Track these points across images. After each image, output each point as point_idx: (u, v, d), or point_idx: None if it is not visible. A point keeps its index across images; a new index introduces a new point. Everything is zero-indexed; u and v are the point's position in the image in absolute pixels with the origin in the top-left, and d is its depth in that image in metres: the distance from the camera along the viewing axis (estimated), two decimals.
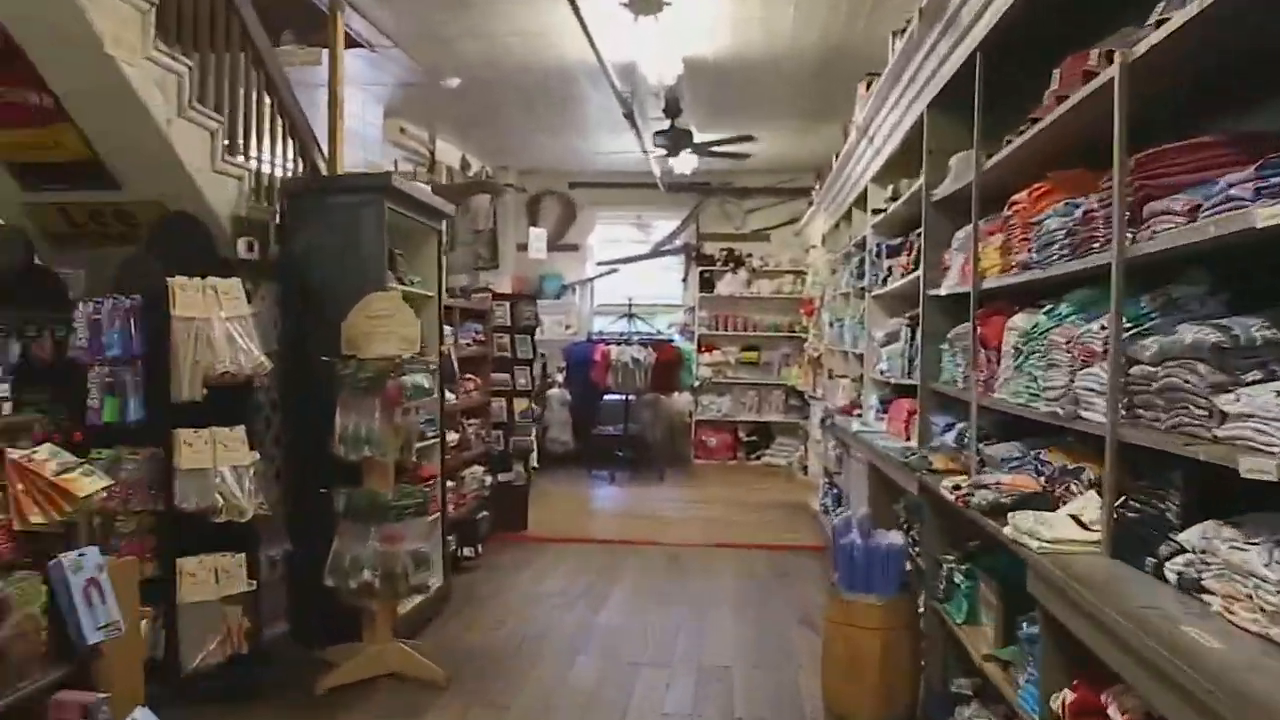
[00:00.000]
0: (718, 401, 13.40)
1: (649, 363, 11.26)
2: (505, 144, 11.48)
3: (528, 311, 8.54)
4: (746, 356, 13.46)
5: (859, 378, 7.98)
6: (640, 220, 13.82)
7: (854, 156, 7.63)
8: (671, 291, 13.81)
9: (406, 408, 4.78)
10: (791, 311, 13.32)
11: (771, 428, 13.47)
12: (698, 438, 13.29)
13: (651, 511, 9.89)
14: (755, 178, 13.34)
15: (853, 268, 8.18)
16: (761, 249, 13.50)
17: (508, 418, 8.39)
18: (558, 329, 13.48)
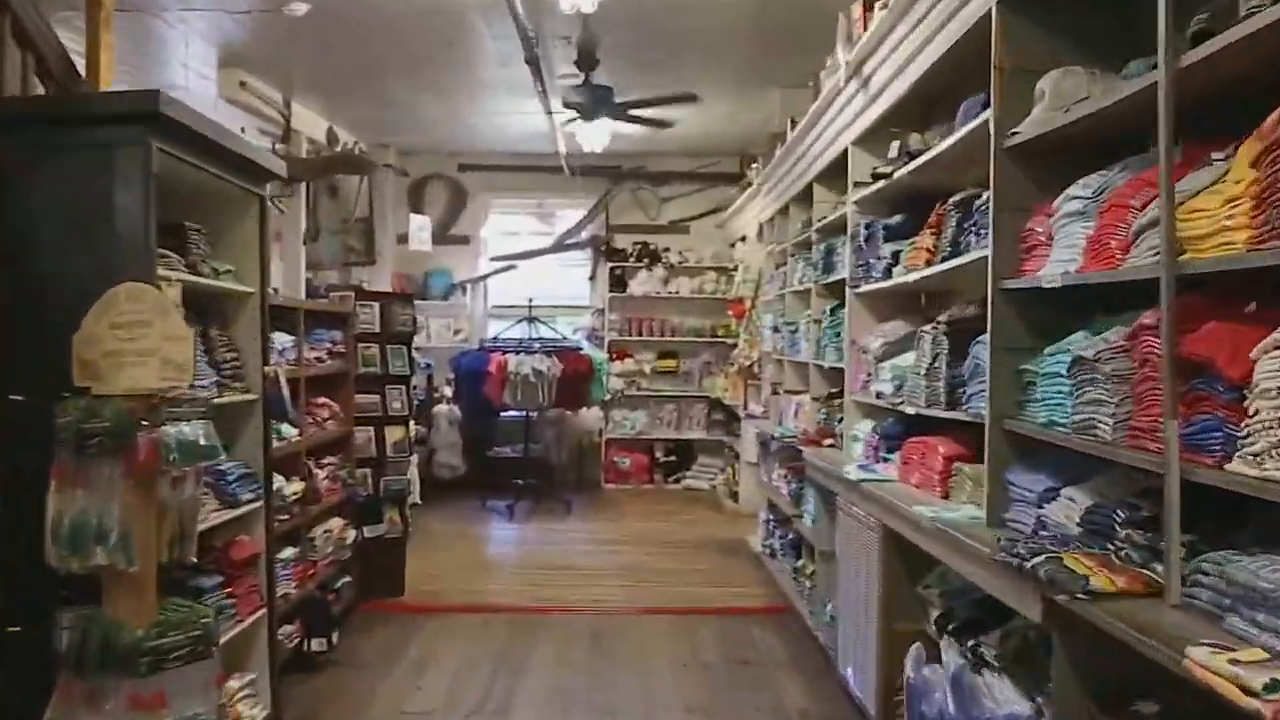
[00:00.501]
0: (631, 417, 11.57)
1: (554, 375, 9.38)
2: (382, 114, 9.47)
3: (403, 315, 6.58)
4: (663, 365, 11.66)
5: (829, 398, 6.22)
6: (542, 209, 11.92)
7: (823, 119, 5.86)
8: (577, 291, 11.95)
9: (175, 476, 2.83)
10: (715, 313, 11.57)
11: (693, 446, 11.69)
12: (608, 459, 11.44)
13: (561, 557, 8.00)
14: (673, 161, 11.56)
15: (815, 259, 6.43)
16: (680, 242, 11.72)
17: (378, 451, 6.43)
18: (445, 335, 11.50)
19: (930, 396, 4.01)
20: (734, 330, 10.90)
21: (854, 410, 5.37)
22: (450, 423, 10.66)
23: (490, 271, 11.66)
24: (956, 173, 4.39)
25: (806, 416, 6.71)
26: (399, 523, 6.48)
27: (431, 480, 10.22)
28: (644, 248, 11.57)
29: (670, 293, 11.52)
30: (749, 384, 9.83)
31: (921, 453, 4.13)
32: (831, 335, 6.00)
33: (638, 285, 11.50)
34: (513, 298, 11.60)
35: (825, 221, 6.16)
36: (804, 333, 6.92)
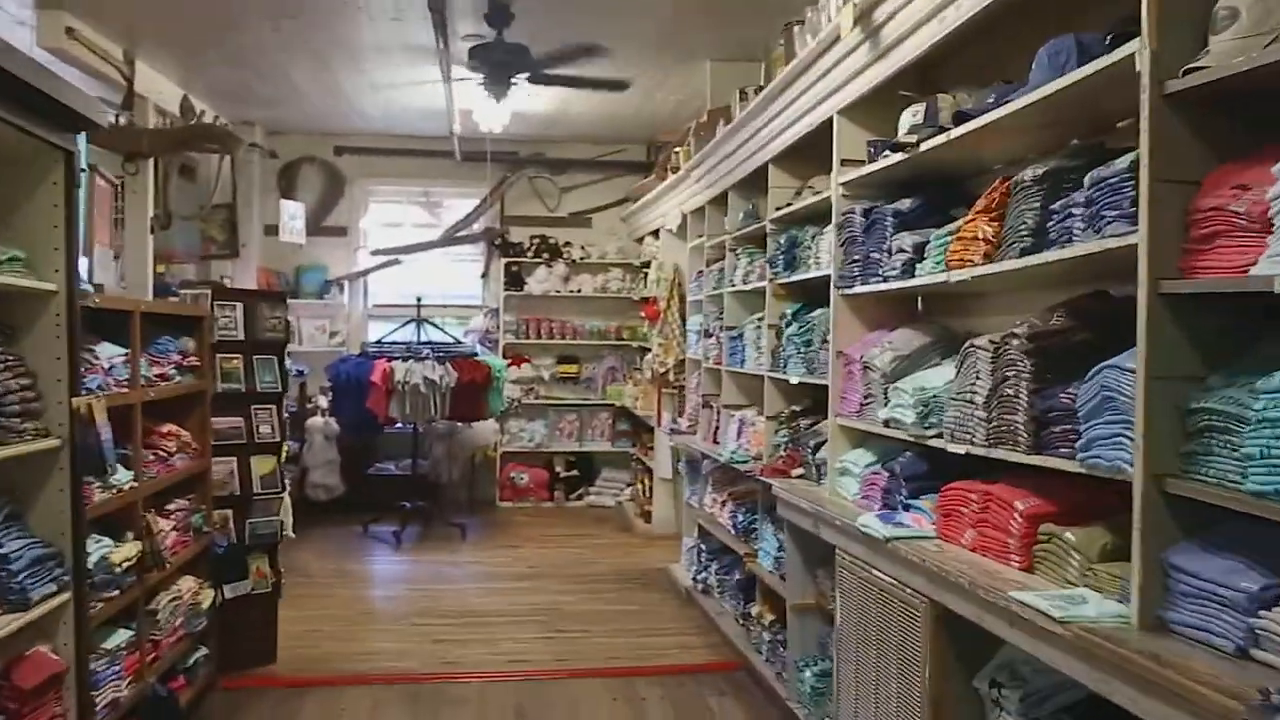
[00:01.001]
0: (529, 428, 10.38)
1: (448, 384, 8.15)
2: (246, 83, 8.09)
3: (272, 317, 5.28)
4: (564, 370, 10.51)
5: (793, 418, 5.18)
6: (429, 198, 10.63)
7: (796, 85, 4.80)
8: (469, 290, 10.70)
9: None
10: (621, 314, 10.48)
11: (595, 460, 10.57)
12: (504, 475, 10.23)
13: (461, 600, 6.80)
14: (575, 148, 10.41)
15: (772, 254, 5.39)
16: (582, 236, 10.59)
17: (242, 488, 5.14)
18: (320, 338, 10.14)
19: (995, 434, 2.98)
20: (644, 333, 9.85)
21: (841, 438, 4.33)
22: (327, 438, 9.33)
23: (371, 267, 10.33)
24: (997, 144, 3.41)
25: (758, 438, 5.67)
26: (269, 575, 5.20)
27: (305, 504, 8.88)
28: (543, 242, 10.40)
29: (572, 291, 10.37)
30: (664, 393, 8.81)
31: (980, 505, 3.10)
32: (800, 344, 4.96)
33: (536, 283, 10.32)
34: (397, 296, 10.32)
35: (789, 210, 5.12)
36: (752, 339, 5.88)
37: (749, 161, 5.84)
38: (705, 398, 7.00)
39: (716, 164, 6.54)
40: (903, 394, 3.64)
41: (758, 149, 5.63)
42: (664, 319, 8.65)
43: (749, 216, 6.04)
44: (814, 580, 4.68)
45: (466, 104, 7.99)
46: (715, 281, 6.77)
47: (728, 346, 6.32)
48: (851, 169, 4.26)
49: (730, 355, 6.29)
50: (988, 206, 3.15)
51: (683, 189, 7.72)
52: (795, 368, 5.02)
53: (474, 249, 10.65)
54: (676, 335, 8.50)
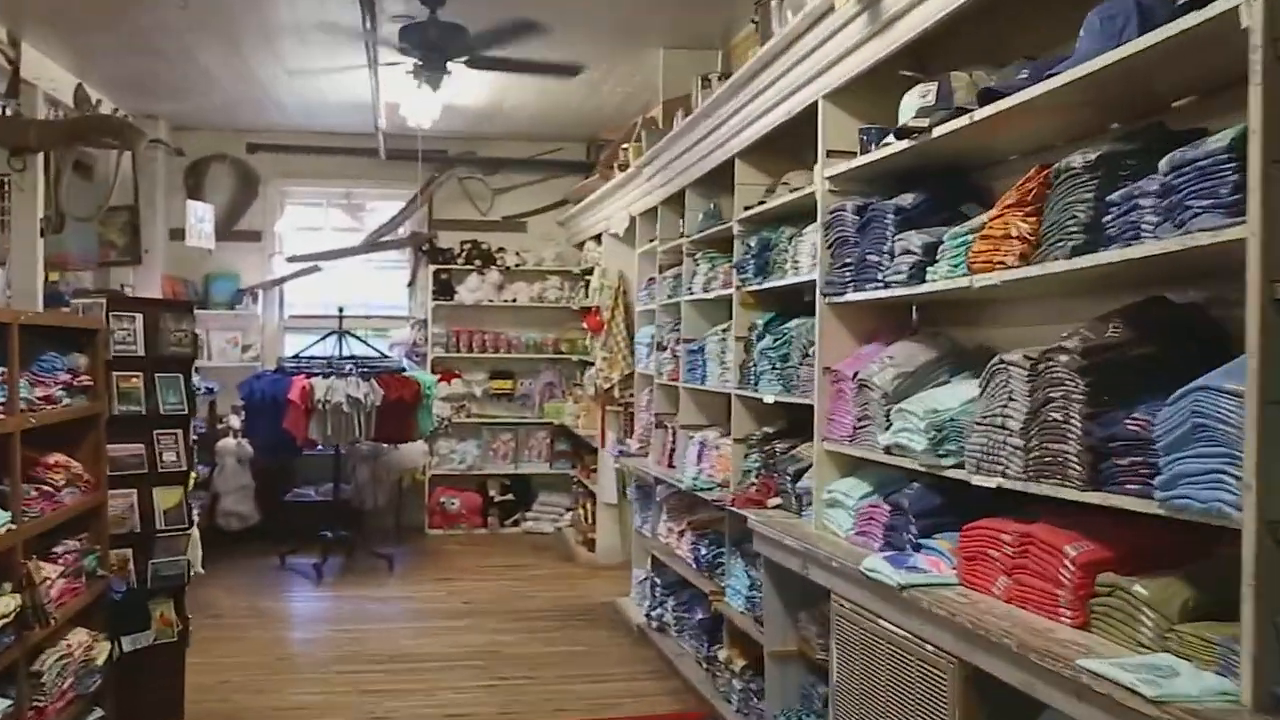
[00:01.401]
0: (460, 449, 9.89)
1: (373, 403, 7.64)
2: (149, 71, 7.53)
3: (178, 330, 4.74)
4: (498, 386, 10.04)
5: (765, 441, 4.81)
6: (351, 200, 10.11)
7: (773, 69, 4.43)
8: (395, 299, 10.19)
9: None
10: (559, 325, 10.06)
11: (532, 482, 10.11)
12: (433, 500, 9.71)
13: (391, 642, 6.30)
14: (508, 146, 9.97)
15: (741, 258, 5.02)
16: (517, 241, 10.14)
17: (143, 524, 4.61)
18: (232, 352, 9.55)
19: (1037, 465, 2.62)
20: (585, 346, 9.43)
21: (829, 465, 3.96)
22: (239, 461, 8.78)
23: (287, 275, 9.77)
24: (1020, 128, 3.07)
25: (723, 463, 5.28)
26: (174, 622, 4.67)
27: (215, 534, 8.31)
28: (474, 248, 9.93)
29: (506, 301, 9.92)
30: (608, 411, 8.40)
31: (1016, 549, 2.74)
32: (775, 358, 4.58)
33: (467, 292, 9.84)
34: (316, 307, 9.78)
35: (762, 209, 4.74)
36: (715, 353, 5.50)
37: (711, 156, 5.46)
38: (659, 417, 6.61)
39: (673, 159, 6.15)
40: (910, 417, 3.27)
41: (723, 141, 5.25)
42: (608, 330, 8.26)
43: (710, 217, 5.66)
44: (795, 624, 4.29)
45: (394, 96, 7.52)
46: (670, 289, 6.38)
47: (686, 361, 5.93)
48: (840, 160, 3.90)
49: (689, 371, 5.89)
50: (1021, 199, 2.79)
51: (631, 189, 7.32)
52: (769, 385, 4.64)
53: (400, 255, 10.15)
54: (622, 348, 8.13)
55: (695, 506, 5.95)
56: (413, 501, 9.66)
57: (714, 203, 5.68)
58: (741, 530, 4.88)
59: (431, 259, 9.85)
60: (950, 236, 3.16)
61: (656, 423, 6.61)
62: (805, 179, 4.55)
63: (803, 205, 4.38)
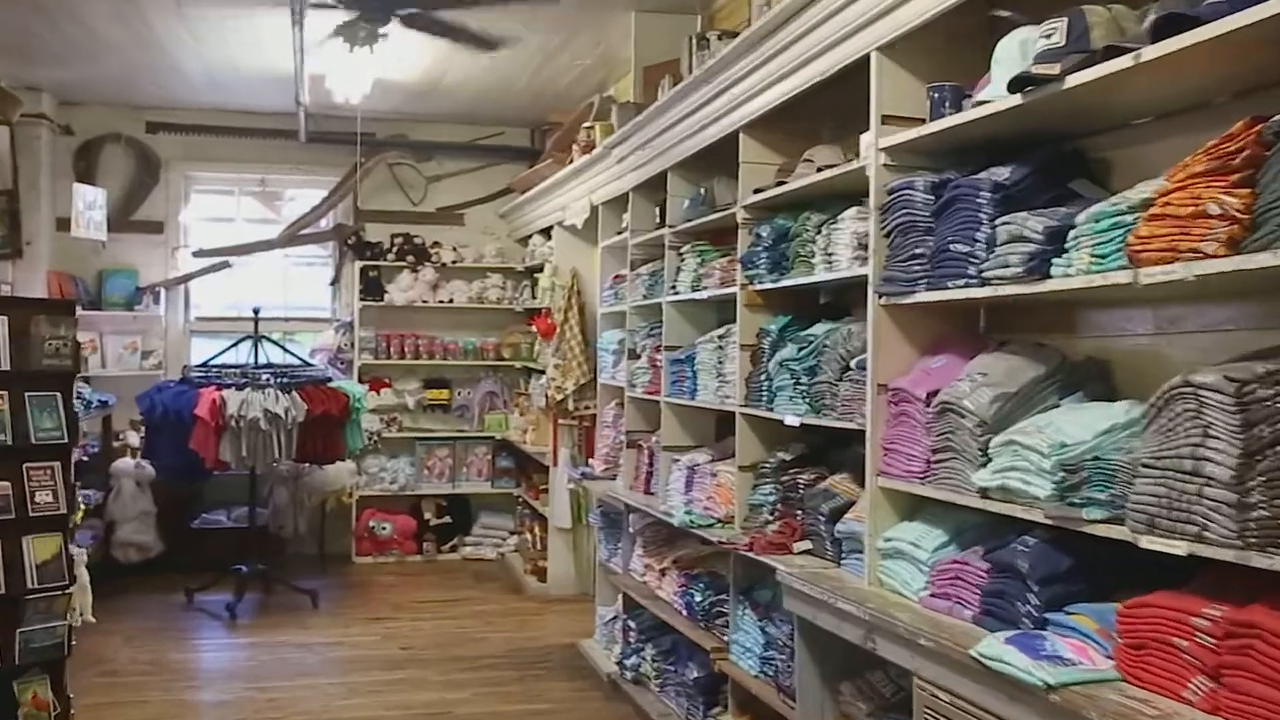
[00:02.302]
0: (391, 467, 9.01)
1: (295, 419, 6.78)
2: (28, 32, 6.58)
3: (55, 337, 3.84)
4: (433, 396, 9.19)
5: (783, 470, 4.08)
6: (266, 188, 9.19)
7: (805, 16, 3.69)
8: (317, 299, 9.31)
9: None
10: (501, 328, 9.26)
11: (472, 503, 9.27)
12: (362, 524, 8.83)
13: (318, 703, 5.45)
14: (444, 130, 9.15)
15: (749, 252, 4.29)
16: (454, 235, 9.31)
17: (9, 582, 3.72)
18: (130, 359, 8.57)
19: (1265, 529, 1.92)
20: (532, 352, 8.66)
21: (886, 506, 3.24)
22: (139, 484, 7.87)
23: (194, 272, 8.81)
24: (1163, 82, 2.40)
25: (724, 494, 4.53)
26: (51, 705, 3.79)
27: (111, 569, 7.40)
28: (406, 242, 9.07)
29: (441, 302, 9.07)
30: (560, 425, 7.64)
31: (1224, 641, 2.02)
32: (800, 371, 3.85)
33: (398, 291, 8.98)
34: (227, 308, 8.90)
35: (783, 191, 4.01)
36: (709, 364, 4.75)
37: (706, 132, 4.73)
38: (631, 435, 5.86)
39: (653, 137, 5.39)
40: (1026, 453, 2.55)
41: (723, 113, 4.52)
42: (560, 335, 7.51)
43: (701, 204, 4.92)
44: (835, 699, 3.55)
45: (319, 67, 6.68)
46: (646, 288, 5.63)
47: (669, 372, 5.18)
48: (900, 128, 3.18)
49: (673, 383, 5.15)
50: (1223, 164, 2.08)
51: (594, 174, 6.55)
52: (791, 404, 3.91)
53: (322, 250, 9.27)
54: (577, 355, 7.39)
55: (678, 539, 5.24)
56: (338, 526, 8.77)
57: (704, 187, 4.93)
58: (749, 575, 4.16)
59: (358, 254, 8.97)
60: (1091, 218, 2.44)
61: (628, 442, 5.85)
62: (833, 155, 3.85)
63: (836, 186, 3.67)
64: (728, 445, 4.99)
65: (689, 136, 4.95)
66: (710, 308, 5.15)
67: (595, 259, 7.66)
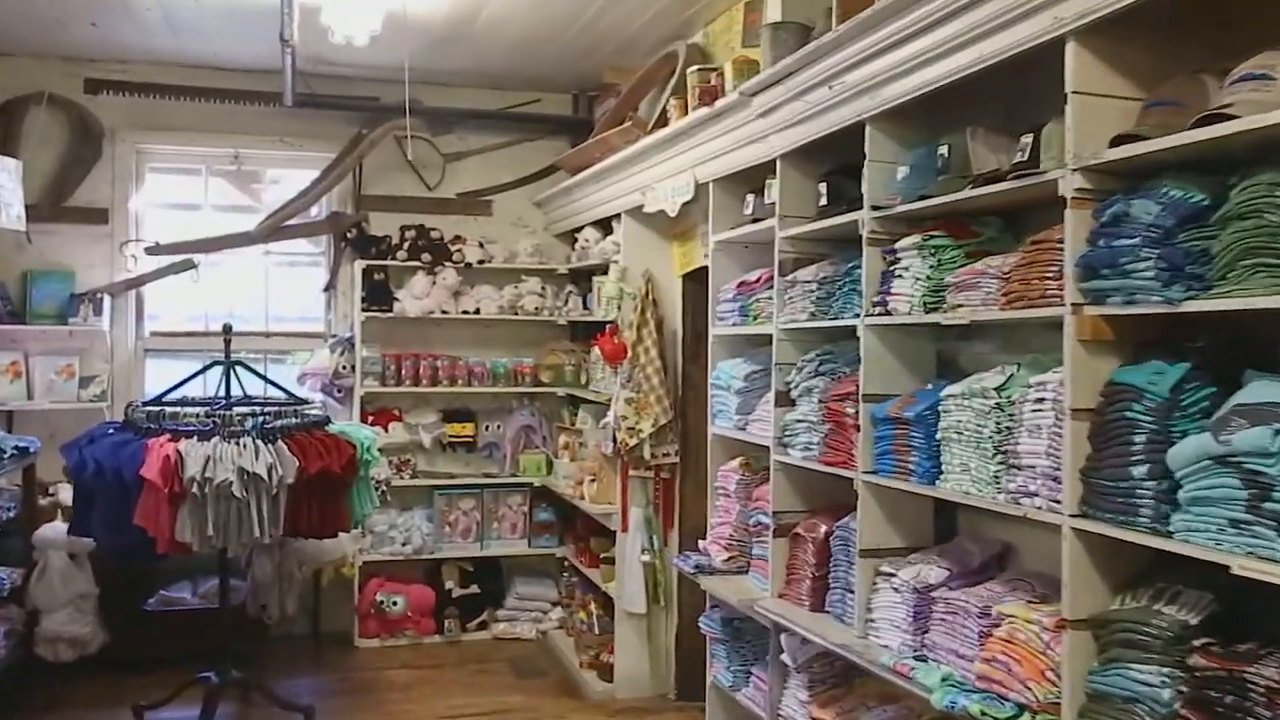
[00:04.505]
0: (403, 524, 7.15)
1: (283, 480, 4.92)
2: None
3: None
4: (455, 431, 7.32)
5: (1180, 645, 2.25)
6: (241, 166, 7.30)
7: None
8: (306, 309, 7.46)
9: None
10: (539, 345, 7.44)
11: (504, 568, 7.42)
12: (367, 598, 6.95)
13: None
14: (467, 94, 7.31)
15: (1096, 253, 2.46)
16: (480, 228, 7.45)
17: None
18: (64, 387, 6.67)
19: None
20: (579, 376, 6.92)
21: None
22: (73, 557, 5.98)
23: (149, 274, 6.92)
24: None
25: (1013, 652, 2.70)
26: None
27: (36, 670, 5.59)
28: (420, 236, 7.18)
29: (465, 313, 7.20)
30: (630, 476, 5.90)
31: None
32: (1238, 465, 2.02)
33: (411, 299, 7.10)
34: (191, 320, 7.05)
35: (1222, 132, 2.19)
36: (969, 430, 2.96)
37: (958, 56, 2.93)
38: (782, 519, 4.02)
39: (838, 73, 3.55)
40: None
41: (1014, 17, 2.69)
42: (634, 359, 5.76)
43: (937, 170, 3.14)
44: None
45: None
46: (817, 302, 3.79)
47: (876, 435, 3.36)
48: None
49: (883, 454, 3.35)
50: None
51: (704, 138, 4.70)
52: (1233, 535, 2.08)
53: (313, 247, 7.41)
54: (655, 387, 5.72)
55: (852, 674, 3.48)
56: (337, 601, 6.91)
57: (946, 144, 3.12)
58: None
59: (360, 252, 7.10)
60: None
61: (779, 527, 4.02)
62: None
63: None
64: (967, 554, 3.22)
65: (919, 66, 3.13)
66: (926, 336, 3.37)
67: (673, 258, 5.92)
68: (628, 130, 5.47)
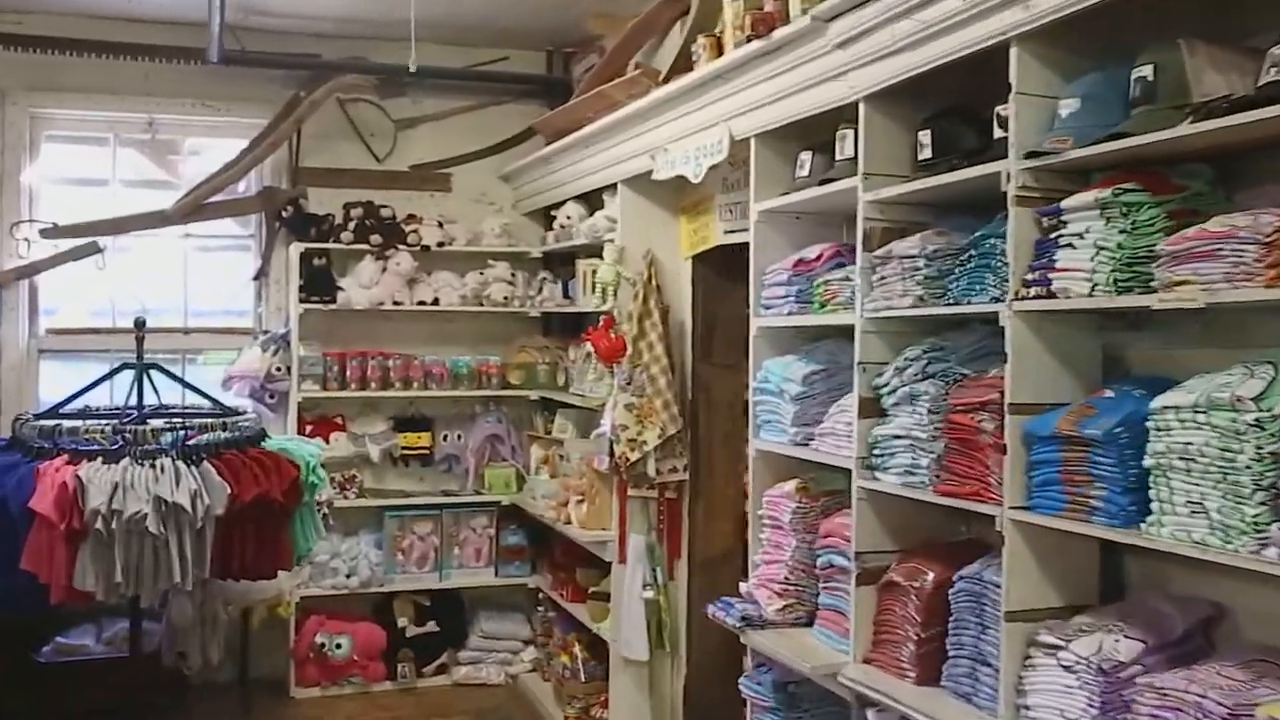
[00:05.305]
0: (346, 552, 6.19)
1: (209, 512, 3.98)
2: None
3: None
4: (408, 442, 6.39)
5: None
6: (156, 134, 6.30)
7: None
8: (233, 301, 6.52)
9: None
10: (506, 342, 6.56)
11: (465, 600, 6.50)
12: (305, 640, 5.99)
13: None
14: (423, 50, 6.33)
15: None
16: (438, 205, 6.55)
17: None
18: None
19: None
20: (553, 377, 6.14)
21: None
22: None
23: (45, 260, 5.91)
24: None
25: None
26: None
27: None
28: (368, 215, 6.23)
29: (422, 303, 6.27)
30: (630, 495, 5.08)
31: None
32: None
33: (358, 288, 6.15)
34: (95, 315, 6.11)
35: None
36: (1205, 457, 2.10)
37: None
38: (867, 563, 3.17)
39: None
40: None
41: None
42: (635, 358, 4.94)
43: (1111, 103, 2.33)
44: None
45: None
46: (926, 283, 2.94)
47: (1035, 459, 2.52)
48: None
49: (1042, 485, 2.50)
50: None
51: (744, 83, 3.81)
52: None
53: (241, 228, 6.45)
54: (663, 390, 4.90)
55: None
56: (270, 644, 5.95)
57: (1143, 66, 2.31)
58: None
59: (297, 233, 6.13)
60: None
61: (864, 574, 3.16)
62: None
63: None
64: (1162, 619, 2.43)
65: None
66: (1089, 327, 2.58)
67: (681, 237, 5.11)
68: (634, 81, 4.56)
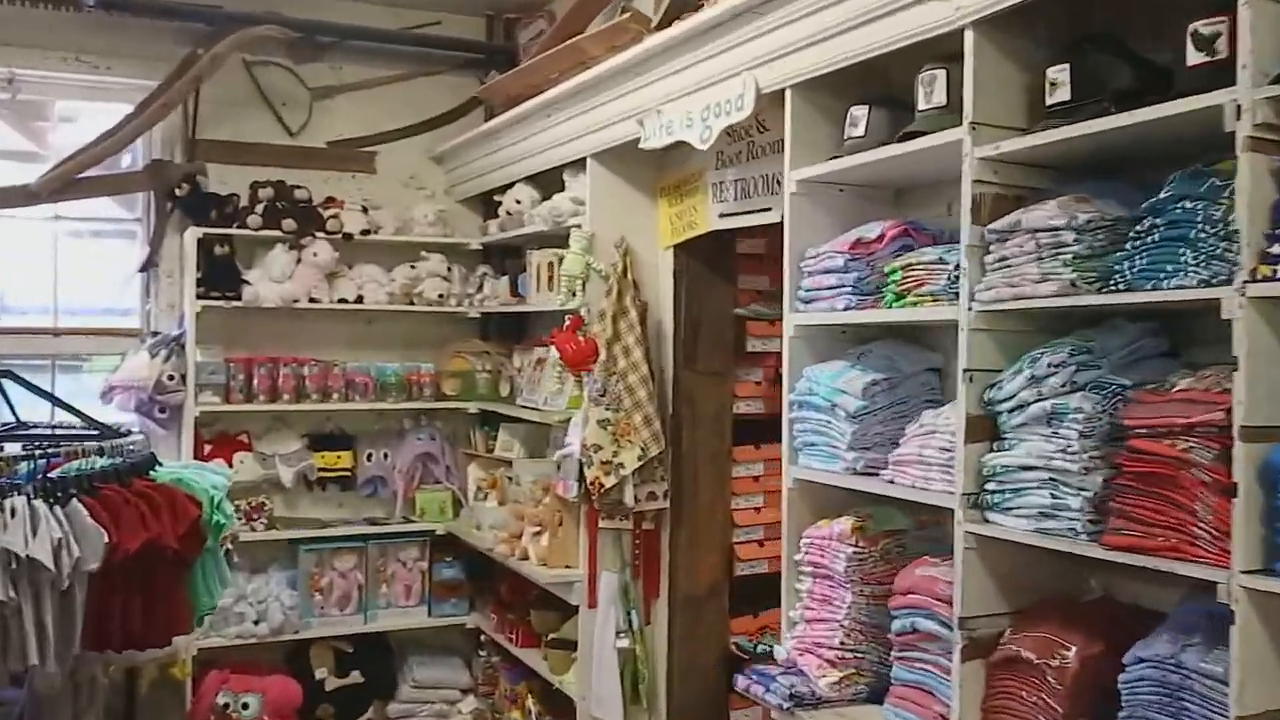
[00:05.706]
0: (254, 593, 5.26)
1: (85, 564, 3.07)
2: None
3: None
4: (326, 463, 5.49)
5: None
6: (17, 94, 5.29)
7: None
8: (115, 297, 5.58)
9: None
10: (439, 347, 5.72)
11: (395, 645, 5.61)
12: (206, 700, 5.05)
13: None
14: (344, 8, 5.53)
15: None
16: (361, 188, 5.66)
17: None
18: None
19: None
20: (494, 386, 5.35)
21: None
22: None
23: None
24: None
25: None
26: None
27: None
28: (280, 196, 5.31)
29: (343, 301, 5.38)
30: (601, 528, 4.28)
31: None
32: None
33: (268, 282, 5.22)
34: None
35: None
36: None
37: None
38: (974, 627, 2.39)
39: None
40: None
41: None
42: (609, 365, 4.16)
43: None
44: None
45: None
46: (1076, 263, 2.17)
47: None
48: None
49: None
50: None
51: (804, 7, 2.99)
52: None
53: (125, 210, 5.49)
54: (642, 402, 4.13)
55: None
56: (163, 706, 4.99)
57: None
58: None
59: (195, 217, 5.19)
60: None
61: (970, 642, 2.38)
62: None
63: None
64: None
65: None
66: None
67: (660, 221, 4.35)
68: (621, 28, 3.72)
